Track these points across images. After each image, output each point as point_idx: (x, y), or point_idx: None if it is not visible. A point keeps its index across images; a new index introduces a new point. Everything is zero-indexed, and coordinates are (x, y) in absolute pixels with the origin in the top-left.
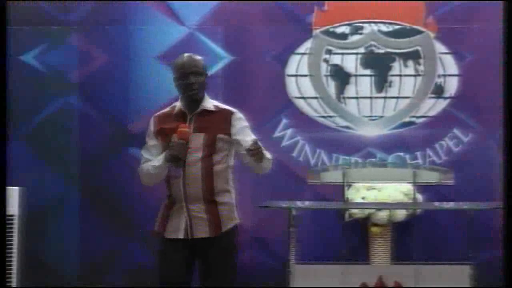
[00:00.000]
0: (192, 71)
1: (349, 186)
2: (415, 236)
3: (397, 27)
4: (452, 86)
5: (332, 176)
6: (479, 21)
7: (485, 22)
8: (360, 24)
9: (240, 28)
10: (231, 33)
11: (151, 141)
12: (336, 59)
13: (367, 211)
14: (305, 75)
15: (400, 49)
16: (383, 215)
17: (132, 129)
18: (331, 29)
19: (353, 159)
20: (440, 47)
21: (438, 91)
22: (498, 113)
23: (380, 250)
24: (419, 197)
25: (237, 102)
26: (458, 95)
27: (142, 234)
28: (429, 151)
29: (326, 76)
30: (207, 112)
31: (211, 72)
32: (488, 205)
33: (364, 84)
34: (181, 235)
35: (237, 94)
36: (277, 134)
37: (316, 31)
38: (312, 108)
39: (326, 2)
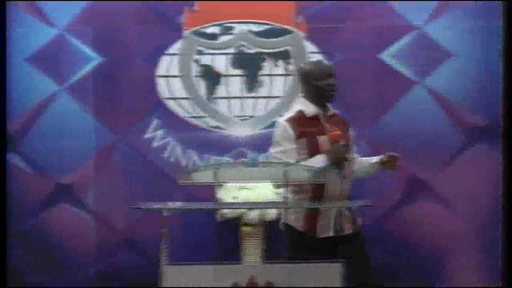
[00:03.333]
0: (332, 73)
1: (221, 186)
2: None
3: (267, 27)
4: None
5: (203, 176)
6: (349, 21)
7: (355, 22)
8: (230, 25)
9: (110, 28)
10: (101, 34)
11: (289, 145)
12: (206, 60)
13: (238, 211)
14: (176, 76)
15: (270, 49)
16: (254, 214)
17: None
18: (201, 30)
19: (224, 159)
20: (310, 47)
21: None
22: (368, 111)
23: (252, 250)
24: (290, 196)
25: (107, 103)
26: None
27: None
28: None
29: (197, 76)
30: (334, 115)
31: (80, 73)
32: (359, 203)
33: (234, 84)
34: (331, 233)
35: (108, 95)
36: (148, 134)
37: (186, 32)
38: (183, 109)
39: (196, 2)
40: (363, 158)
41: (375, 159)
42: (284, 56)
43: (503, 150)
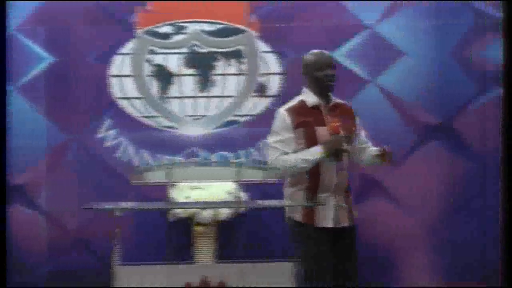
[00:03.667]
0: (331, 64)
1: (173, 185)
2: (239, 235)
3: (220, 26)
4: (274, 84)
5: (156, 176)
6: (302, 20)
7: (308, 21)
8: (183, 24)
9: (63, 28)
10: (53, 33)
11: (287, 134)
12: (159, 59)
13: (191, 211)
14: (128, 76)
15: (223, 48)
16: (207, 214)
17: None
18: (154, 29)
19: (176, 158)
20: (262, 46)
21: (261, 90)
22: None
23: (204, 250)
24: (243, 195)
25: (59, 103)
26: (280, 94)
27: None
28: (252, 150)
29: (149, 76)
30: (338, 105)
31: (32, 73)
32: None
33: (187, 83)
34: (330, 224)
35: (60, 95)
36: (100, 134)
37: (139, 31)
38: (136, 109)
39: (149, 2)
40: (372, 148)
41: (374, 150)
42: (236, 55)
43: (502, 150)
